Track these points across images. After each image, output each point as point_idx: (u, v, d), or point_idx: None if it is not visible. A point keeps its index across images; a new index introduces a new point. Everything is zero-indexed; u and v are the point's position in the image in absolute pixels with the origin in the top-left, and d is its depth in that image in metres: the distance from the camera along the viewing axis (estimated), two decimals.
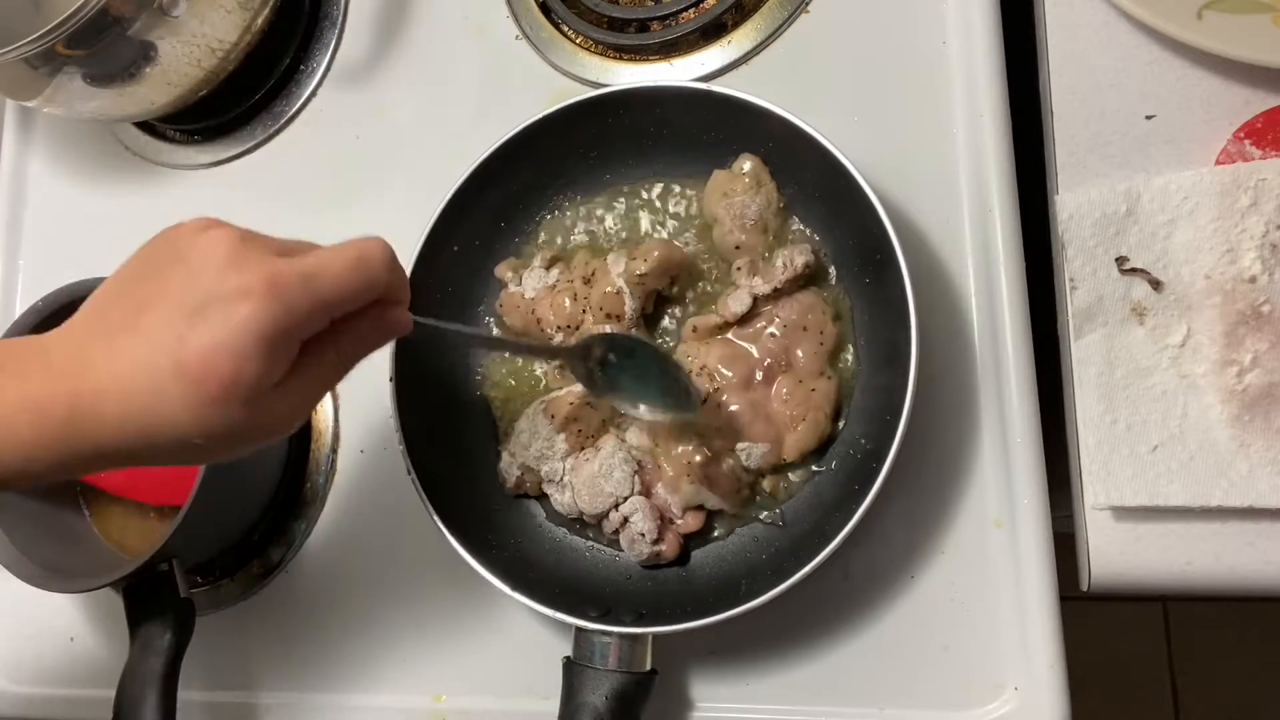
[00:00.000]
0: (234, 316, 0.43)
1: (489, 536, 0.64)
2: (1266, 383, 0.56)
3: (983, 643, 0.60)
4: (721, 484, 0.62)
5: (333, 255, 0.47)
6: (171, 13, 0.72)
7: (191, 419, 0.44)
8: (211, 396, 0.43)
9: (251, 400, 0.44)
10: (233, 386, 0.43)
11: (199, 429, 0.44)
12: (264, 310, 0.43)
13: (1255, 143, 0.59)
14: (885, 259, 0.58)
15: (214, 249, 0.45)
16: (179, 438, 0.44)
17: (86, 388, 0.44)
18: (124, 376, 0.44)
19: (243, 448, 0.47)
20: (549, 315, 0.66)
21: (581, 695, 0.59)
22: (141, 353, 0.44)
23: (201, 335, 0.43)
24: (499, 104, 0.78)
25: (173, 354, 0.43)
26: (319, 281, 0.45)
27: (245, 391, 0.44)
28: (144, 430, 0.44)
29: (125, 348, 0.44)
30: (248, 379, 0.43)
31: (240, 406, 0.44)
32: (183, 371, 0.43)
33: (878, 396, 0.61)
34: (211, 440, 0.45)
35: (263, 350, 0.43)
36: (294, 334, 0.45)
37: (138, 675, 0.64)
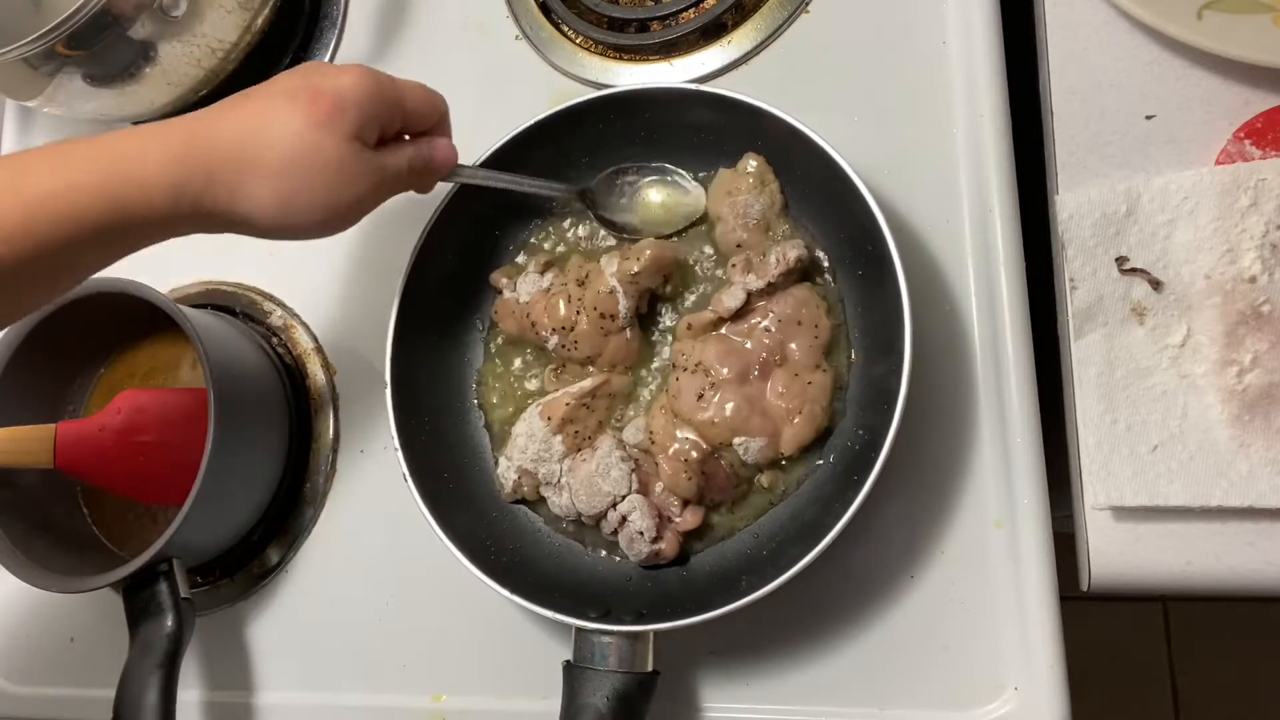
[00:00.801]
0: (341, 75, 0.56)
1: (488, 542, 0.64)
2: (1266, 383, 0.56)
3: (983, 643, 0.60)
4: (719, 479, 0.62)
5: (410, 82, 0.60)
6: (171, 13, 0.72)
7: (296, 134, 0.53)
8: (317, 119, 0.53)
9: (347, 136, 0.54)
10: (336, 113, 0.54)
11: (300, 146, 0.53)
12: (363, 75, 0.56)
13: (1255, 143, 0.59)
14: (878, 249, 0.58)
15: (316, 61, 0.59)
16: (281, 155, 0.53)
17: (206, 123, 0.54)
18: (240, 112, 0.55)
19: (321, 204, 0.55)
20: (543, 319, 0.66)
21: (582, 697, 0.58)
22: (258, 103, 0.55)
23: (313, 83, 0.55)
24: (499, 104, 0.78)
25: (287, 98, 0.54)
26: (398, 86, 0.58)
27: (345, 124, 0.54)
28: (253, 141, 0.53)
29: (242, 106, 0.55)
30: (349, 113, 0.54)
31: (338, 136, 0.54)
32: (295, 98, 0.54)
33: (874, 387, 0.61)
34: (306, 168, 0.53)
35: (362, 98, 0.55)
36: (382, 101, 0.56)
37: (138, 675, 0.64)
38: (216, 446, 0.66)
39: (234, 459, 0.69)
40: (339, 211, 0.56)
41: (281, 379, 0.76)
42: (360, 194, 0.57)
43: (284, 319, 0.80)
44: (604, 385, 0.65)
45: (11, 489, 0.73)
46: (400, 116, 0.58)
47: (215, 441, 0.65)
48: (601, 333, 0.65)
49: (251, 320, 0.80)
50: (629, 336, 0.65)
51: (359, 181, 0.56)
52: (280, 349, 0.79)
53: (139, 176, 0.52)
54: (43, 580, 0.69)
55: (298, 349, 0.79)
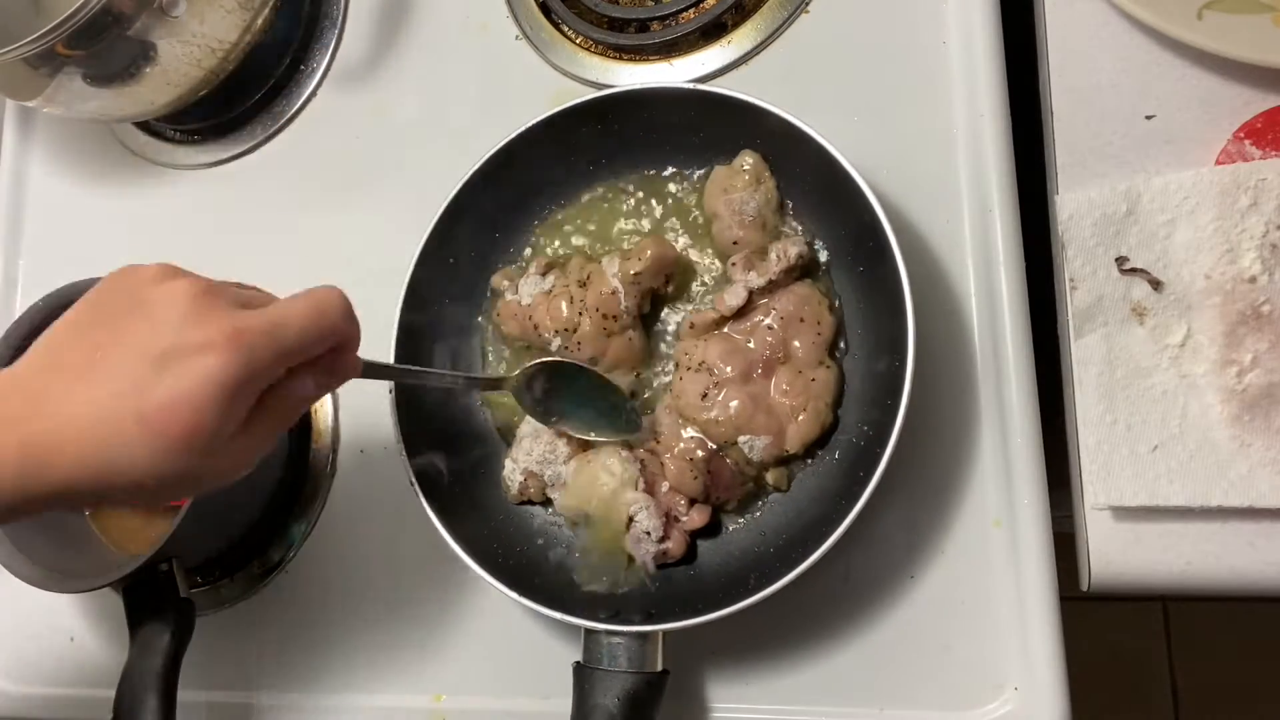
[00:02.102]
0: (197, 368, 0.44)
1: (495, 546, 0.64)
2: (1266, 383, 0.56)
3: (983, 643, 0.60)
4: (725, 478, 0.62)
5: (293, 307, 0.48)
6: (171, 13, 0.72)
7: (150, 466, 0.44)
8: (171, 446, 0.44)
9: (208, 449, 0.45)
10: (193, 436, 0.44)
11: (155, 475, 0.45)
12: (227, 363, 0.44)
13: (1255, 143, 0.59)
14: (878, 244, 0.58)
15: (175, 300, 0.46)
16: (134, 482, 0.45)
17: (40, 431, 0.44)
18: (81, 421, 0.44)
19: (194, 491, 0.48)
20: (545, 320, 0.66)
21: (593, 698, 0.58)
22: (100, 399, 0.44)
23: (164, 386, 0.44)
24: (499, 104, 0.78)
25: (134, 403, 0.44)
26: (280, 333, 0.46)
27: (205, 441, 0.45)
28: (100, 475, 0.45)
29: (82, 393, 0.45)
30: (208, 429, 0.44)
31: (198, 455, 0.45)
32: (144, 420, 0.44)
33: (877, 383, 0.61)
34: (165, 485, 0.46)
35: (224, 402, 0.44)
36: (255, 384, 0.46)
37: (138, 675, 0.64)
38: None
39: None
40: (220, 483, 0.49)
41: None
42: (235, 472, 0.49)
43: None
44: None
45: None
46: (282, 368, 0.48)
47: None
48: (604, 333, 0.65)
49: None
50: (631, 337, 0.65)
51: (231, 468, 0.48)
52: None
53: None
54: (43, 580, 0.69)
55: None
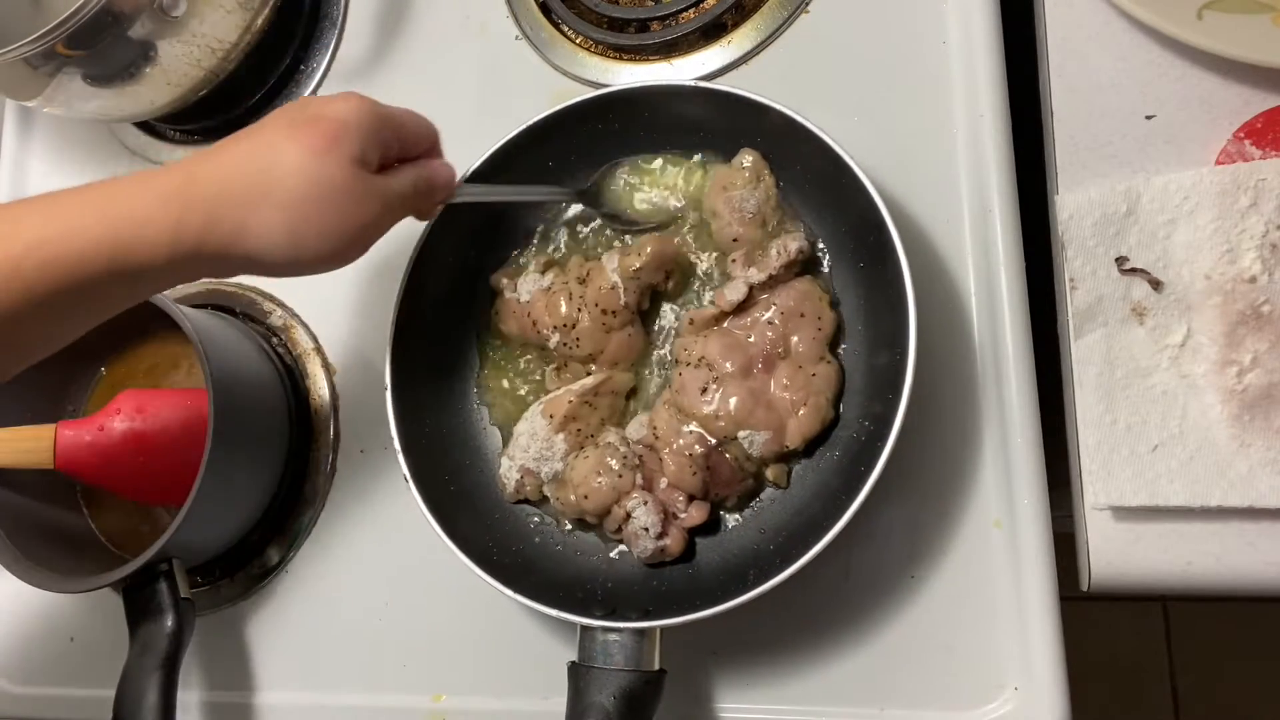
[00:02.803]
0: (337, 102, 0.55)
1: (491, 544, 0.64)
2: (1266, 383, 0.56)
3: (983, 643, 0.60)
4: (724, 474, 0.62)
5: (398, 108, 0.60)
6: (171, 13, 0.72)
7: (301, 165, 0.52)
8: (320, 147, 0.53)
9: (351, 162, 0.54)
10: (338, 140, 0.53)
11: (306, 176, 0.52)
12: (360, 102, 0.56)
13: (1255, 143, 0.59)
14: (879, 239, 0.58)
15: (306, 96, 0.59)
16: (288, 188, 0.52)
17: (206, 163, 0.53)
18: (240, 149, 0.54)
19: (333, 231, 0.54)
20: (545, 317, 0.66)
21: (589, 697, 0.57)
22: (257, 138, 0.54)
23: (311, 112, 0.55)
24: (499, 104, 0.78)
25: (287, 130, 0.54)
26: (393, 111, 0.58)
27: (347, 149, 0.54)
28: (256, 178, 0.52)
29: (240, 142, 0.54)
30: (351, 138, 0.54)
31: (343, 162, 0.53)
32: (294, 129, 0.53)
33: (877, 378, 0.61)
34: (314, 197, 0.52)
35: (362, 122, 0.55)
36: (381, 127, 0.56)
37: (138, 675, 0.64)
38: (216, 446, 0.66)
39: (234, 459, 0.69)
40: (348, 239, 0.55)
41: (281, 379, 0.76)
42: (368, 219, 0.56)
43: (284, 319, 0.80)
44: (606, 382, 0.65)
45: (11, 489, 0.73)
46: (397, 140, 0.58)
47: (215, 441, 0.65)
48: (603, 330, 0.65)
49: (251, 320, 0.80)
50: (631, 333, 0.65)
51: (366, 206, 0.55)
52: (280, 349, 0.79)
53: (137, 218, 0.50)
54: (43, 580, 0.69)
55: (297, 349, 0.79)
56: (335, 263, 0.56)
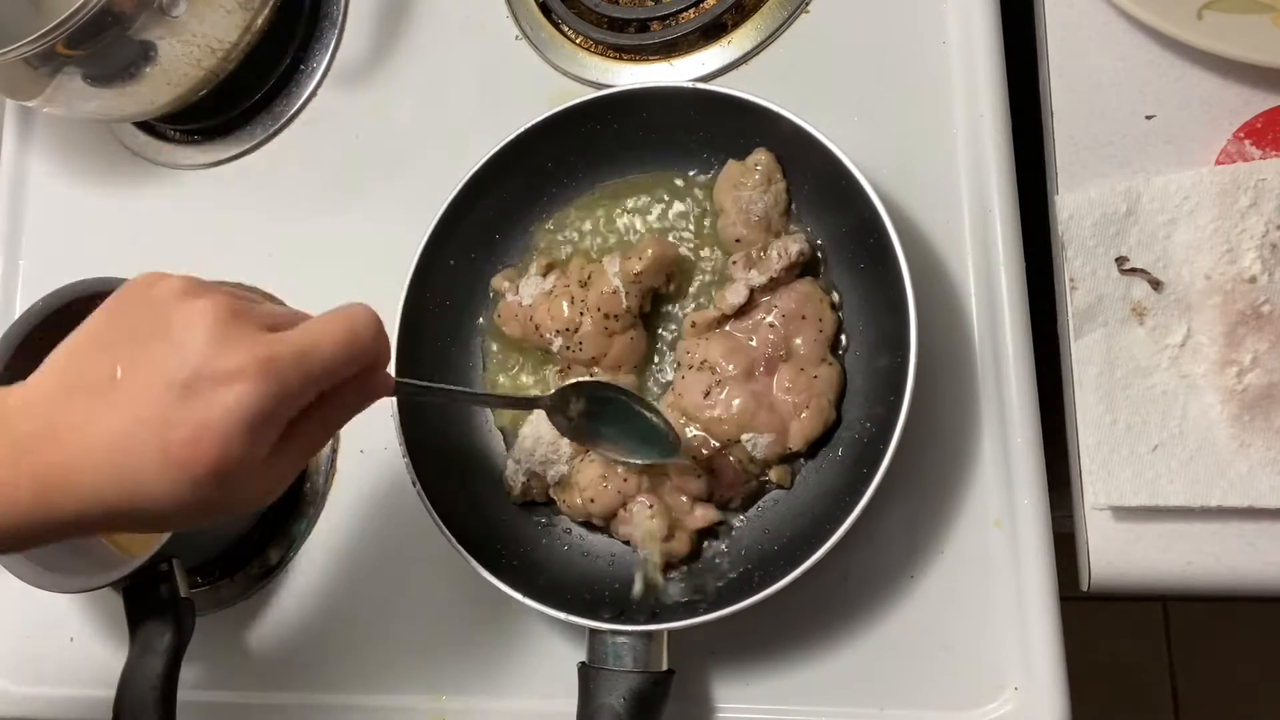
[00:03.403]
0: (224, 398, 0.41)
1: (499, 547, 0.64)
2: (1266, 383, 0.56)
3: (983, 643, 0.60)
4: (728, 476, 0.62)
5: (324, 328, 0.46)
6: (171, 13, 0.72)
7: (171, 498, 0.42)
8: (196, 479, 0.42)
9: (236, 480, 0.43)
10: (219, 469, 0.42)
11: (177, 507, 0.43)
12: (256, 393, 0.42)
13: (1255, 143, 0.59)
14: (879, 241, 0.58)
15: (201, 321, 0.43)
16: (154, 514, 0.43)
17: (57, 460, 0.42)
18: (99, 452, 0.42)
19: (217, 518, 0.46)
20: (547, 320, 0.66)
21: (599, 698, 0.58)
22: (120, 428, 0.42)
23: (189, 416, 0.41)
24: (499, 104, 0.78)
25: (158, 434, 0.41)
26: (312, 359, 0.44)
27: (231, 473, 0.42)
28: (118, 506, 0.43)
29: (101, 420, 0.42)
30: (235, 460, 0.42)
31: (223, 487, 0.43)
32: (168, 453, 0.41)
33: (879, 379, 0.61)
34: (186, 516, 0.44)
35: (253, 433, 0.42)
36: (284, 412, 0.44)
37: (138, 675, 0.64)
38: None
39: None
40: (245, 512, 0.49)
41: None
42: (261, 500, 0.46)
43: None
44: None
45: None
46: (314, 393, 0.46)
47: None
48: (606, 333, 0.65)
49: None
50: (633, 336, 0.65)
51: (257, 497, 0.46)
52: None
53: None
54: (43, 580, 0.69)
55: None
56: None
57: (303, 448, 0.47)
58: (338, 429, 0.49)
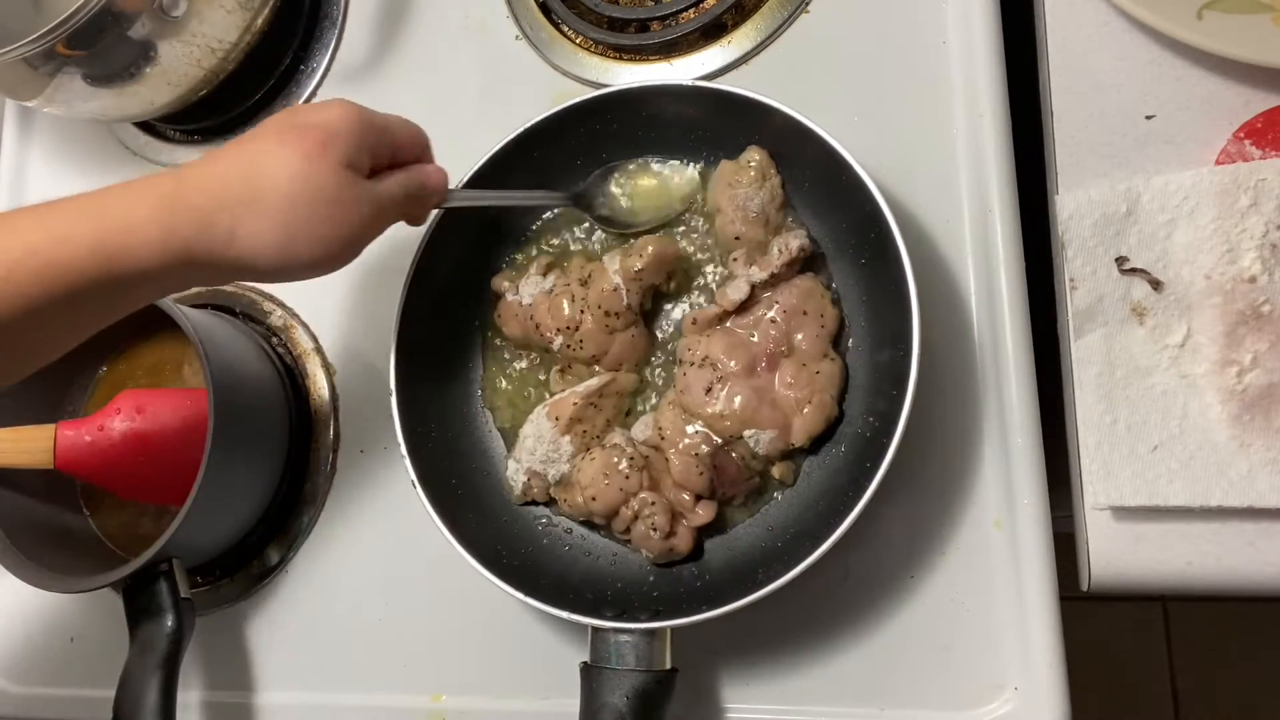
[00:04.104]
0: (328, 108, 0.56)
1: (499, 546, 0.64)
2: (1266, 383, 0.56)
3: (983, 643, 0.60)
4: (731, 473, 0.62)
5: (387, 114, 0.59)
6: (171, 13, 0.72)
7: (292, 171, 0.52)
8: (310, 152, 0.53)
9: (341, 166, 0.54)
10: (328, 145, 0.54)
11: (297, 182, 0.53)
12: (347, 110, 0.56)
13: (1255, 143, 0.59)
14: (880, 236, 0.58)
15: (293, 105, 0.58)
16: (279, 194, 0.52)
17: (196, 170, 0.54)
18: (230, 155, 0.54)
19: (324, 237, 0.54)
20: (547, 319, 0.66)
21: (602, 697, 0.58)
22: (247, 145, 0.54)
23: (301, 119, 0.55)
24: (499, 104, 0.78)
25: (276, 136, 0.54)
26: (383, 116, 0.58)
27: (337, 154, 0.54)
28: (247, 184, 0.52)
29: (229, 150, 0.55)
30: (341, 144, 0.54)
31: (333, 166, 0.54)
32: (284, 135, 0.54)
33: (881, 374, 0.61)
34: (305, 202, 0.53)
35: (352, 129, 0.55)
36: (370, 131, 0.56)
37: (138, 675, 0.64)
38: (216, 446, 0.66)
39: (234, 459, 0.69)
40: (341, 243, 0.55)
41: (281, 379, 0.76)
42: (360, 223, 0.56)
43: (284, 319, 0.80)
44: (611, 383, 0.65)
45: (12, 489, 0.73)
46: (387, 146, 0.58)
47: (215, 441, 0.65)
48: (606, 331, 0.65)
49: (251, 320, 0.80)
50: (634, 334, 0.65)
51: (357, 210, 0.55)
52: (280, 349, 0.79)
53: (127, 225, 0.50)
54: (43, 580, 0.69)
55: (297, 349, 0.79)
56: (326, 268, 0.56)
57: (388, 195, 0.57)
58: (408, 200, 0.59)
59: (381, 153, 0.58)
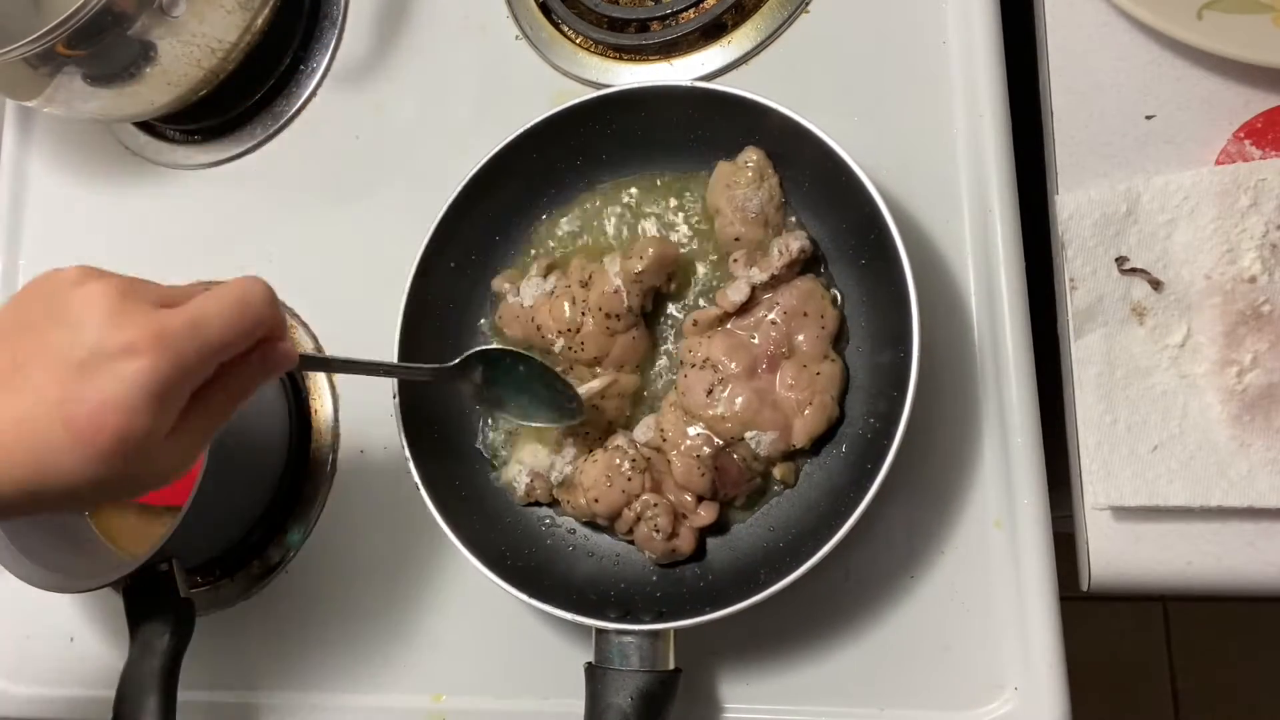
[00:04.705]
0: (123, 373, 0.43)
1: (503, 548, 0.64)
2: (1266, 383, 0.56)
3: (983, 643, 0.60)
4: (732, 474, 0.62)
5: (215, 300, 0.47)
6: (171, 13, 0.72)
7: (81, 474, 0.44)
8: (103, 452, 0.43)
9: (141, 452, 0.44)
10: (124, 441, 0.43)
11: (88, 481, 0.44)
12: (152, 365, 0.43)
13: (1255, 143, 0.59)
14: (880, 237, 0.58)
15: (94, 303, 0.44)
16: (67, 491, 0.45)
17: None
18: (8, 434, 0.44)
19: (133, 494, 0.47)
20: (548, 321, 0.66)
21: (606, 698, 0.58)
22: (26, 411, 0.43)
23: (90, 392, 0.43)
24: (499, 104, 0.78)
25: (61, 411, 0.43)
26: (205, 330, 0.45)
27: (136, 445, 0.44)
28: (30, 485, 0.44)
29: (6, 405, 0.44)
30: (139, 433, 0.43)
31: (131, 460, 0.44)
32: (72, 429, 0.43)
33: (881, 375, 0.61)
34: (100, 490, 0.45)
35: (154, 405, 0.43)
36: (184, 385, 0.45)
37: (138, 675, 0.64)
38: (216, 446, 0.65)
39: (234, 459, 0.69)
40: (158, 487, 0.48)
41: (282, 379, 0.76)
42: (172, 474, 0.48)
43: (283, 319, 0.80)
44: (612, 385, 0.65)
45: None
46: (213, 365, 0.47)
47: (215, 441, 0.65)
48: (608, 333, 0.65)
49: None
50: (635, 335, 0.65)
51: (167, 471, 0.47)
52: None
53: None
54: (43, 580, 0.69)
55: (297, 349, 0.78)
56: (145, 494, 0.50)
57: (208, 421, 0.48)
58: (243, 400, 0.50)
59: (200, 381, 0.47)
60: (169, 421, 0.45)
